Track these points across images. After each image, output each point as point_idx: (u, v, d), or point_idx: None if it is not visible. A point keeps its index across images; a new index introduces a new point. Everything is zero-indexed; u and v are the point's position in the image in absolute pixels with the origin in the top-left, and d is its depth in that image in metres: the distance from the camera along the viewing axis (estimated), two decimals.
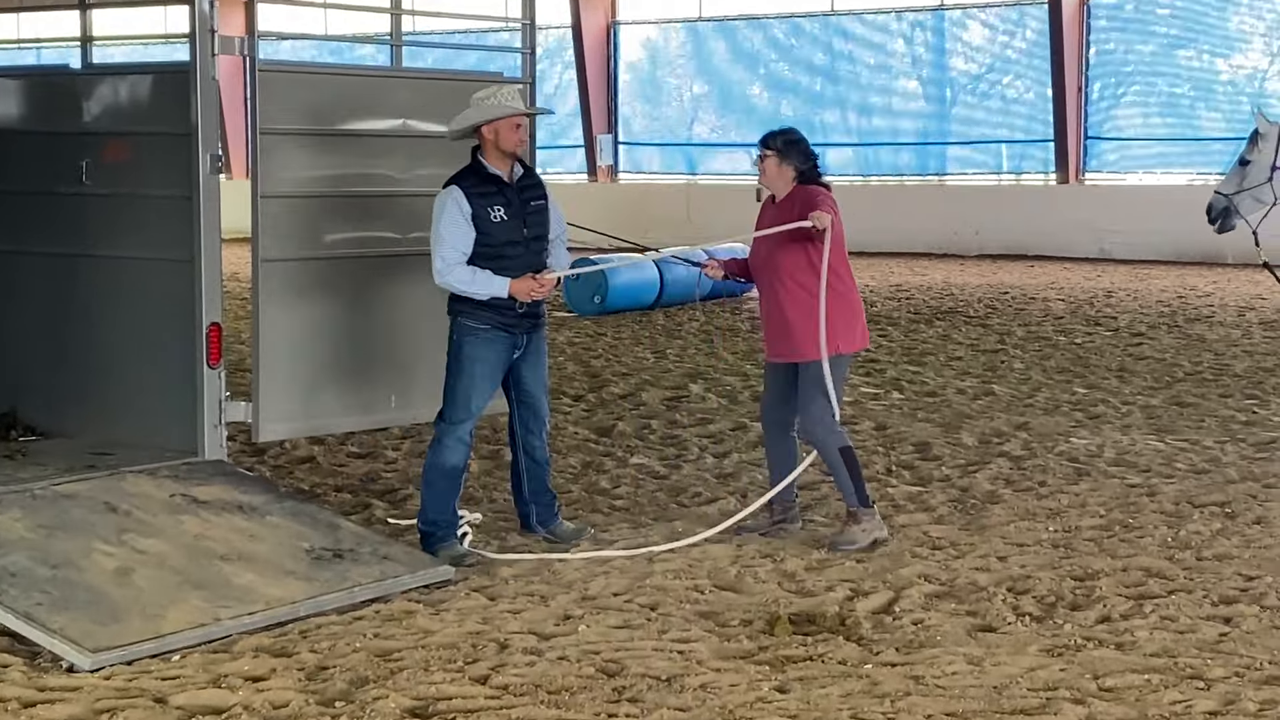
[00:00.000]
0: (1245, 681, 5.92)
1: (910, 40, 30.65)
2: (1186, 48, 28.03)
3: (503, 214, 7.79)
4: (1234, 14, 27.64)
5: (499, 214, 7.77)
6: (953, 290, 21.45)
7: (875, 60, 30.78)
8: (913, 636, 6.54)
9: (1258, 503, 8.89)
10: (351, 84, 8.77)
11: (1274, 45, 27.53)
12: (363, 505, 8.93)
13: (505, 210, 7.80)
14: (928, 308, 19.27)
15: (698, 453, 10.48)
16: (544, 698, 5.74)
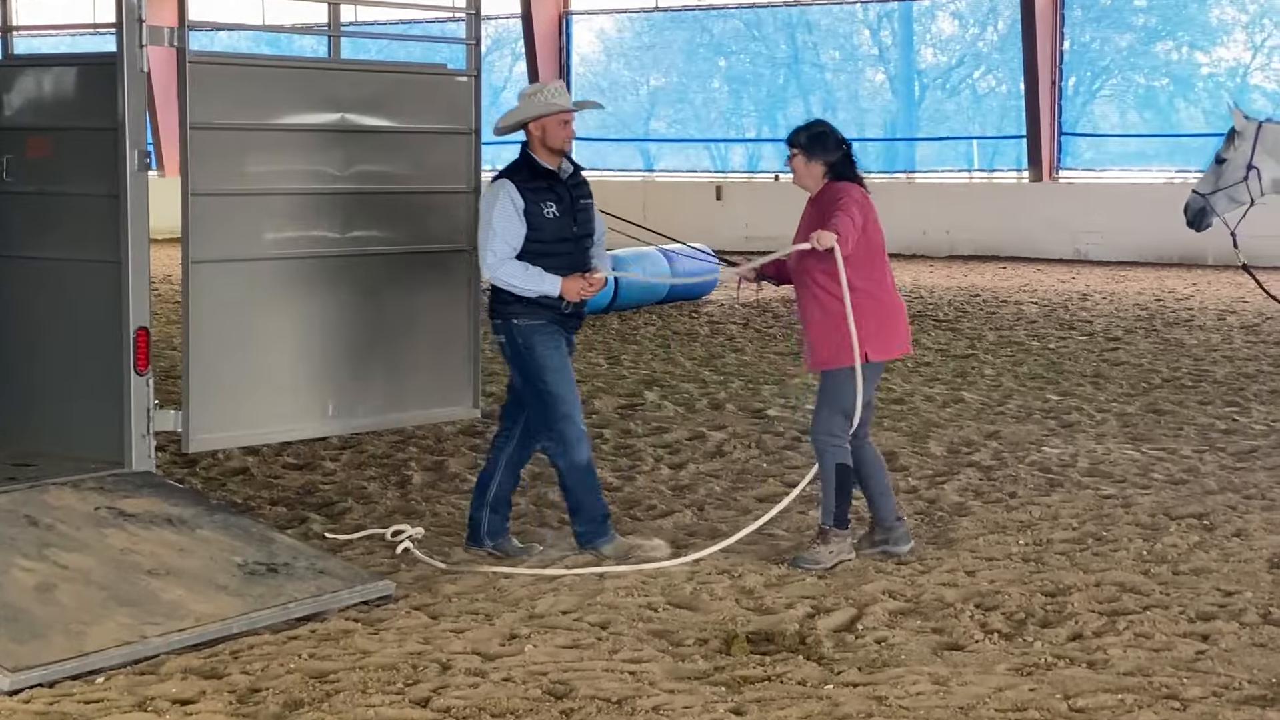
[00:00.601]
0: (1223, 702, 5.95)
1: (876, 32, 30.78)
2: (1165, 40, 28.25)
3: (554, 210, 7.96)
4: (1214, 5, 27.86)
5: (551, 210, 7.95)
6: (921, 293, 21.54)
7: (840, 53, 30.90)
8: (876, 655, 6.56)
9: (1237, 514, 8.96)
10: (287, 76, 8.73)
11: (1256, 37, 27.76)
12: (299, 519, 8.91)
13: (557, 206, 7.97)
14: None
15: (653, 463, 10.49)
16: None
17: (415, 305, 8.79)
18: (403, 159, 8.79)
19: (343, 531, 8.59)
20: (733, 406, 12.60)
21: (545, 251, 7.92)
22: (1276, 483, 9.76)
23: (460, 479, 9.94)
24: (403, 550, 8.14)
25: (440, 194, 8.90)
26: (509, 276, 7.89)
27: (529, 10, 32.25)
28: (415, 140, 8.86)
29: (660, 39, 32.66)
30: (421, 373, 8.91)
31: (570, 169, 8.15)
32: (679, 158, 32.59)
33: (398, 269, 8.69)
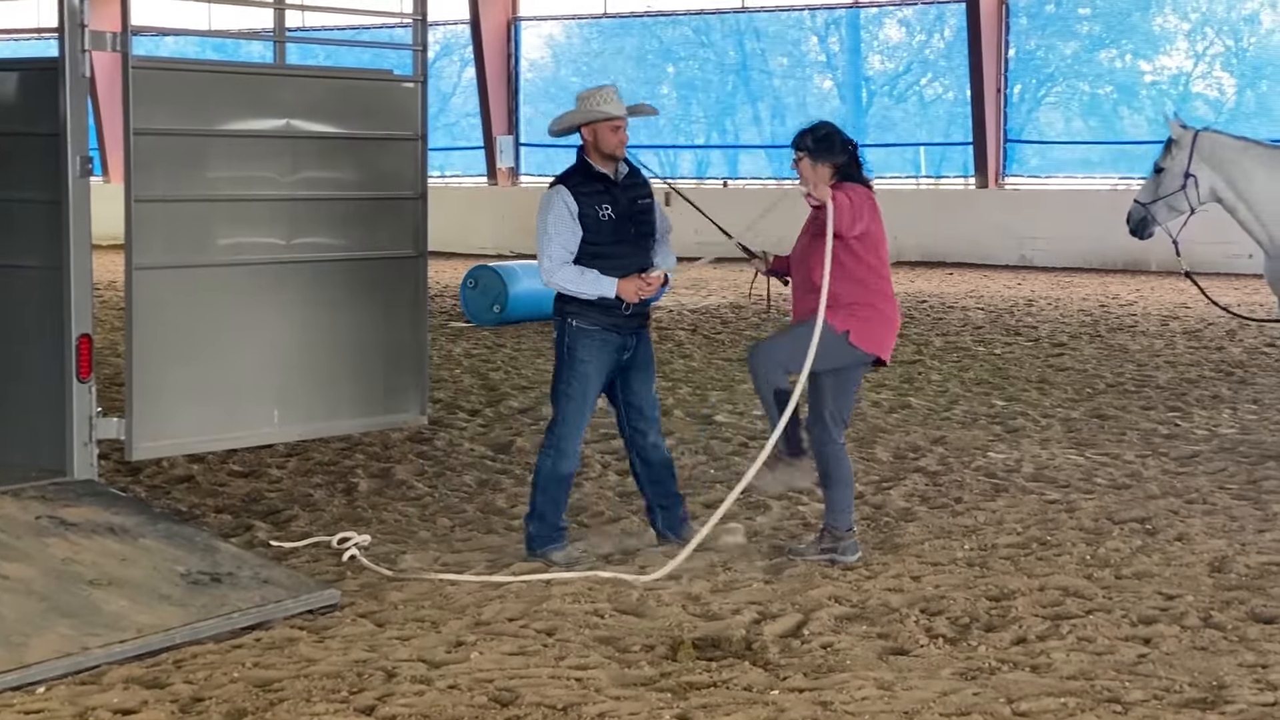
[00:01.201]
0: (1164, 705, 5.98)
1: (824, 39, 30.88)
2: (1109, 48, 28.43)
3: (610, 213, 8.01)
4: (1157, 14, 28.06)
5: (606, 213, 8.01)
6: None
7: (788, 59, 30.98)
8: (821, 660, 6.56)
9: (1179, 519, 9.01)
10: (232, 82, 8.70)
11: (1198, 46, 27.98)
12: (244, 527, 8.86)
13: (613, 209, 8.02)
14: None
15: (600, 469, 10.48)
16: None
17: (362, 312, 8.76)
18: (349, 165, 8.77)
19: (288, 539, 8.55)
20: (680, 413, 12.60)
21: (603, 254, 8.00)
22: (1218, 487, 9.83)
23: (407, 486, 9.91)
24: (349, 558, 8.12)
25: (387, 200, 8.87)
26: (565, 281, 8.00)
27: (477, 16, 32.19)
28: (361, 146, 8.83)
29: (609, 45, 32.68)
30: (368, 379, 8.88)
31: (626, 171, 8.19)
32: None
33: (344, 276, 8.66)
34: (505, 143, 32.57)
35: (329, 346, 8.65)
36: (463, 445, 11.25)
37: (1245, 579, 7.77)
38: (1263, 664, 6.46)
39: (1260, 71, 27.35)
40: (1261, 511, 9.18)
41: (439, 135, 32.98)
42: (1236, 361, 15.34)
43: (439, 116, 33.23)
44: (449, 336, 17.51)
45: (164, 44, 29.83)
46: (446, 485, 9.99)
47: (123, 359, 8.11)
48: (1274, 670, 6.37)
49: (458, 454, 10.95)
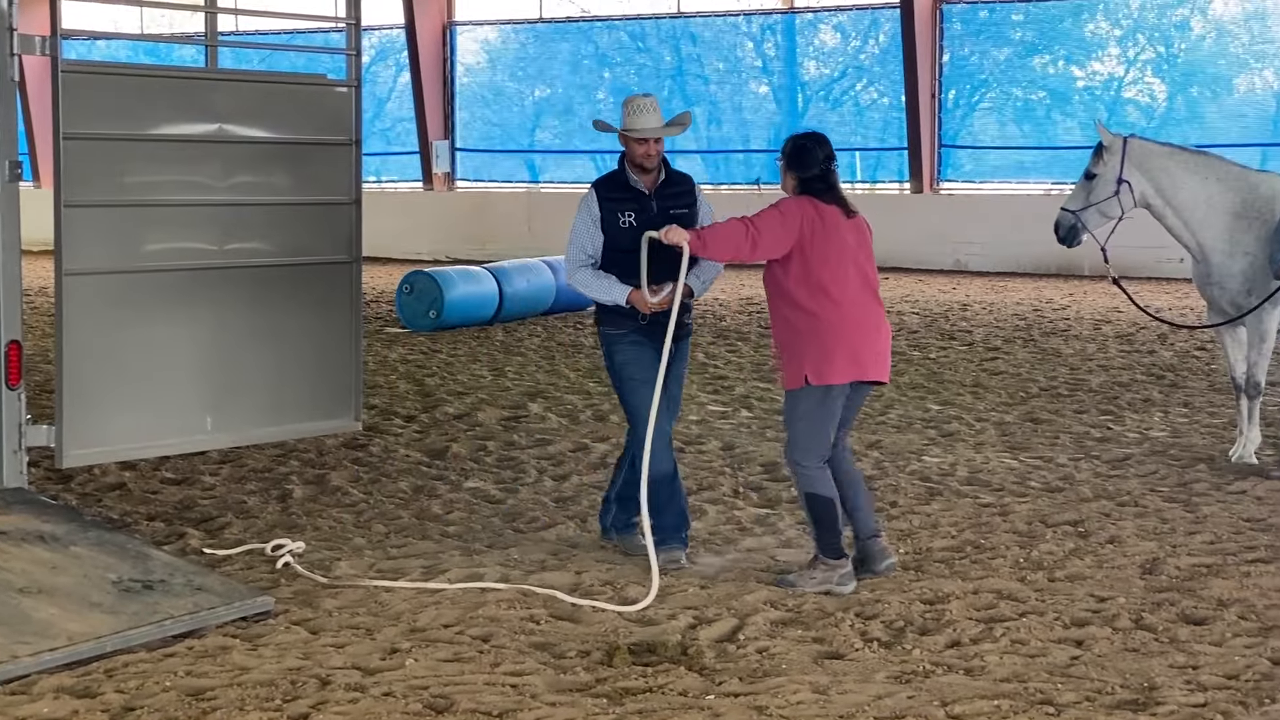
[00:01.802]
0: (1096, 706, 6.03)
1: (760, 44, 30.96)
2: (1042, 54, 28.62)
3: (632, 220, 8.00)
4: (1089, 20, 28.28)
5: (629, 220, 8.00)
6: None
7: (724, 65, 31.04)
8: (757, 665, 6.58)
9: (1111, 521, 9.09)
10: (164, 86, 8.65)
11: (1129, 52, 28.22)
12: (177, 534, 8.80)
13: (636, 217, 7.99)
14: None
15: (536, 475, 10.47)
16: None
17: (295, 318, 8.73)
18: (282, 170, 8.73)
19: (222, 546, 8.50)
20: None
21: (620, 261, 8.01)
22: (1149, 490, 9.92)
23: (342, 492, 9.87)
24: (283, 565, 8.08)
25: (320, 205, 8.84)
26: (578, 282, 8.09)
27: (412, 20, 32.10)
28: (295, 151, 8.79)
29: (545, 50, 32.63)
30: (302, 385, 8.84)
31: (663, 179, 8.15)
32: (564, 169, 32.57)
33: (277, 281, 8.62)
34: (441, 147, 32.49)
35: (263, 352, 8.60)
36: (398, 451, 11.21)
37: (1176, 581, 7.84)
38: (1193, 665, 6.52)
39: (1190, 77, 27.60)
40: (1192, 514, 9.27)
41: (374, 140, 32.88)
42: (1168, 365, 15.48)
43: (374, 121, 33.12)
44: (385, 342, 17.45)
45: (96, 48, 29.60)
46: (381, 492, 9.95)
47: (53, 365, 8.04)
48: (1204, 671, 6.43)
49: (393, 460, 10.91)
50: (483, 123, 33.11)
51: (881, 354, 7.82)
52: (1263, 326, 10.60)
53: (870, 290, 7.80)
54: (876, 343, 7.78)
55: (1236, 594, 7.56)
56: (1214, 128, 26.92)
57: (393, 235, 30.10)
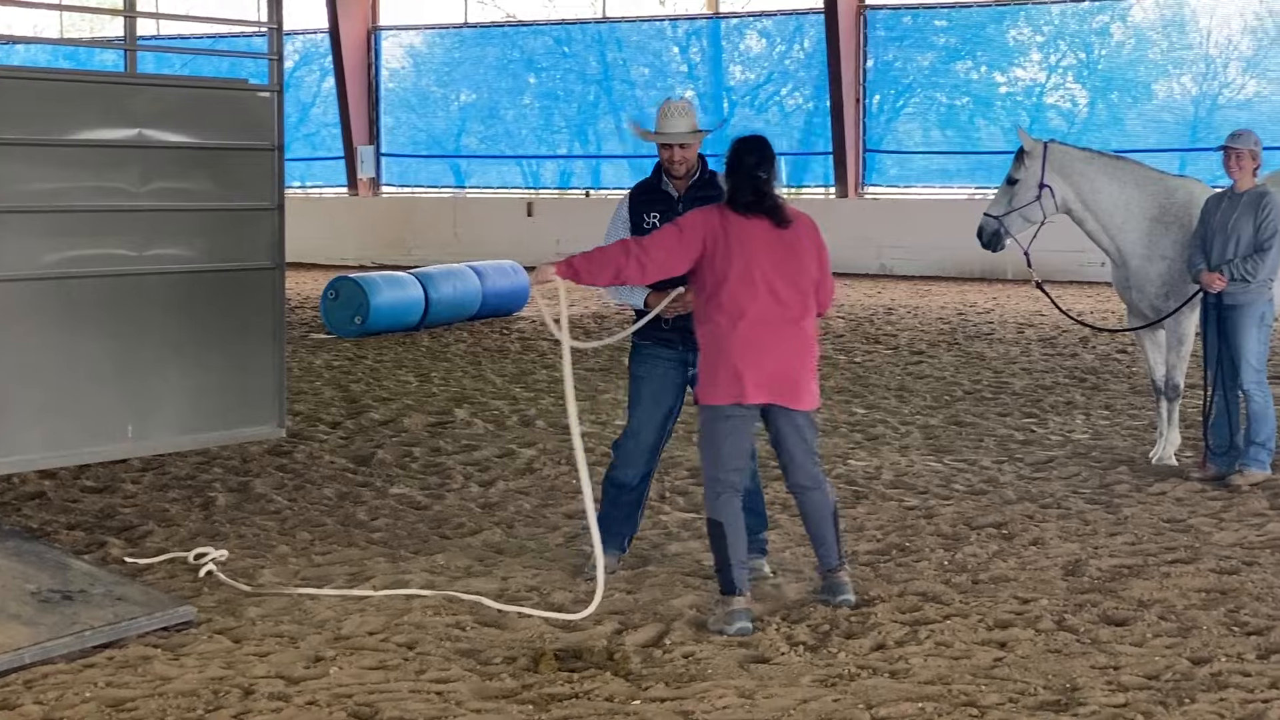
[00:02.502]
0: (1019, 708, 6.07)
1: (685, 49, 31.01)
2: (965, 59, 28.82)
3: (657, 221, 7.82)
4: (1011, 27, 28.50)
5: (653, 222, 7.84)
6: None
7: (650, 69, 31.07)
8: (683, 670, 6.57)
9: (1034, 523, 9.15)
10: (83, 90, 8.53)
11: (1051, 58, 28.45)
12: (98, 543, 8.70)
13: (661, 219, 7.80)
14: None
15: (462, 481, 10.43)
16: None
17: (217, 324, 8.64)
18: (203, 175, 8.64)
19: (143, 555, 8.42)
20: (543, 423, 12.58)
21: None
22: (1072, 492, 9.99)
23: (266, 499, 9.79)
24: (206, 573, 8.01)
25: (242, 211, 8.76)
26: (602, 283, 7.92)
27: (336, 25, 31.96)
28: (216, 156, 8.71)
29: (470, 55, 32.55)
30: (225, 392, 8.75)
31: (695, 182, 7.89)
32: (490, 174, 32.52)
33: (199, 287, 8.54)
34: (366, 153, 32.36)
35: (185, 359, 8.51)
36: (323, 458, 11.14)
37: (1098, 582, 7.90)
38: (1114, 665, 6.57)
39: (1111, 83, 27.87)
40: (1114, 515, 9.35)
41: (299, 146, 32.71)
42: (1089, 368, 15.61)
43: (299, 127, 32.95)
44: (309, 348, 17.34)
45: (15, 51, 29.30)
46: (306, 498, 9.89)
47: None
48: (1125, 672, 6.48)
49: (318, 467, 10.84)
50: (408, 128, 33.00)
51: (777, 377, 7.22)
52: (1181, 330, 10.70)
53: (780, 310, 7.22)
54: (770, 364, 7.20)
55: (1157, 594, 7.63)
56: (1134, 133, 27.22)
57: (318, 241, 29.97)
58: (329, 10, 31.94)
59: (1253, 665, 6.58)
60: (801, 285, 7.31)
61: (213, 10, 29.39)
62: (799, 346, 7.31)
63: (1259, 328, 10.18)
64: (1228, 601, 7.52)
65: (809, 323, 7.36)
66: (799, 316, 7.29)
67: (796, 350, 7.30)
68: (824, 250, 7.45)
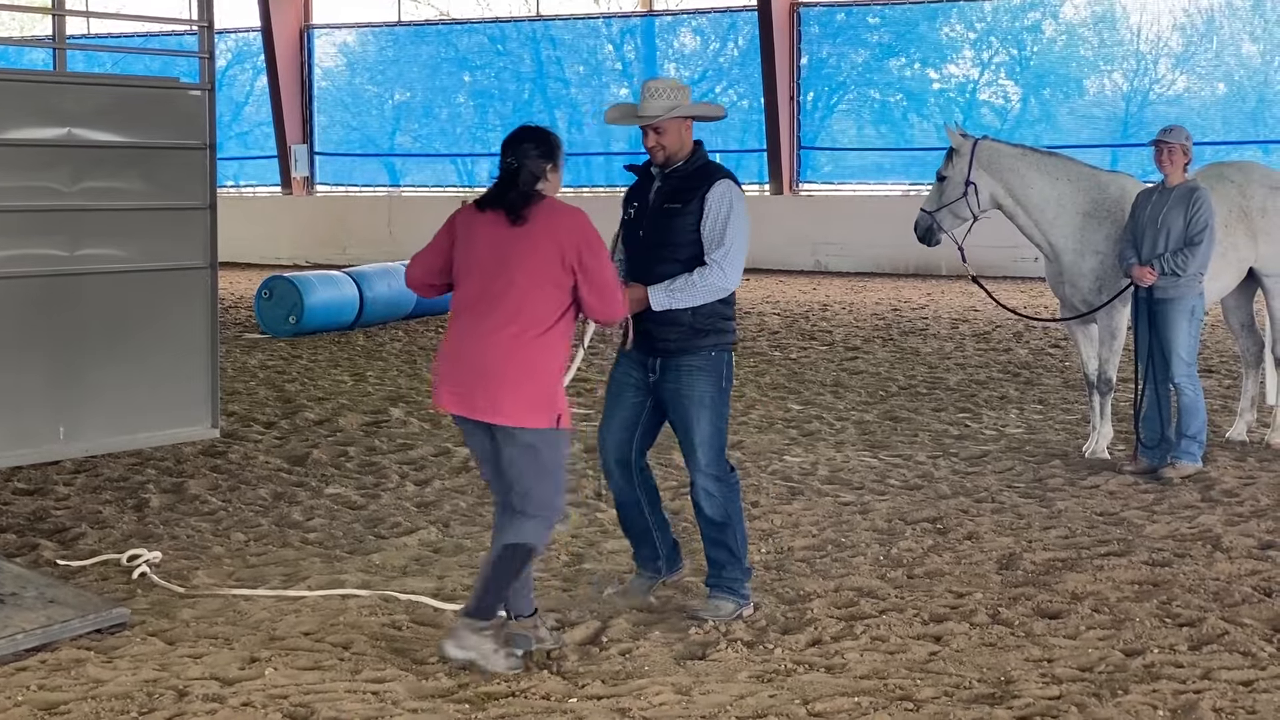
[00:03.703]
0: (954, 701, 6.10)
1: (620, 47, 31.02)
2: (899, 56, 28.96)
3: (632, 212, 7.35)
4: (944, 23, 28.65)
5: (630, 212, 7.36)
6: None
7: (585, 67, 31.07)
8: (620, 667, 6.57)
9: (969, 518, 9.20)
10: (10, 89, 8.44)
11: (984, 55, 28.62)
12: (30, 546, 8.62)
13: (636, 210, 7.33)
14: None
15: (398, 480, 10.39)
16: None
17: (149, 324, 8.57)
18: (134, 175, 8.56)
19: (76, 558, 8.34)
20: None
21: (623, 255, 7.38)
22: (1006, 486, 10.06)
23: (200, 500, 9.73)
24: (139, 575, 7.95)
25: (173, 210, 8.69)
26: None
27: (269, 24, 31.78)
28: (147, 155, 8.63)
29: (404, 53, 32.45)
30: (158, 392, 8.68)
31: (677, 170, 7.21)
32: (425, 173, 32.42)
33: (130, 287, 8.46)
34: (299, 151, 32.19)
35: (116, 360, 8.44)
36: (258, 458, 11.08)
37: (1032, 575, 7.96)
38: (1048, 658, 6.62)
39: (1043, 79, 28.07)
40: (1047, 509, 9.42)
41: (232, 144, 32.52)
42: (1023, 363, 15.72)
43: (231, 125, 32.75)
44: (244, 348, 17.24)
45: None
46: (241, 499, 9.83)
47: None
48: (1059, 664, 6.53)
49: (252, 467, 10.78)
50: (342, 127, 32.86)
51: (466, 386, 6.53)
52: (1113, 324, 10.79)
53: (487, 313, 6.53)
54: (464, 372, 6.54)
55: (1090, 587, 7.69)
56: (1066, 129, 27.42)
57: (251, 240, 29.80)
58: (261, 8, 31.76)
59: (1185, 656, 6.64)
60: (520, 288, 6.47)
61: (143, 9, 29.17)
62: (500, 355, 6.46)
63: (1190, 321, 10.28)
64: (1160, 593, 7.59)
65: (524, 330, 6.46)
66: (506, 323, 6.46)
67: (496, 359, 6.46)
68: (581, 251, 6.51)
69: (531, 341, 6.48)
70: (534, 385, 6.49)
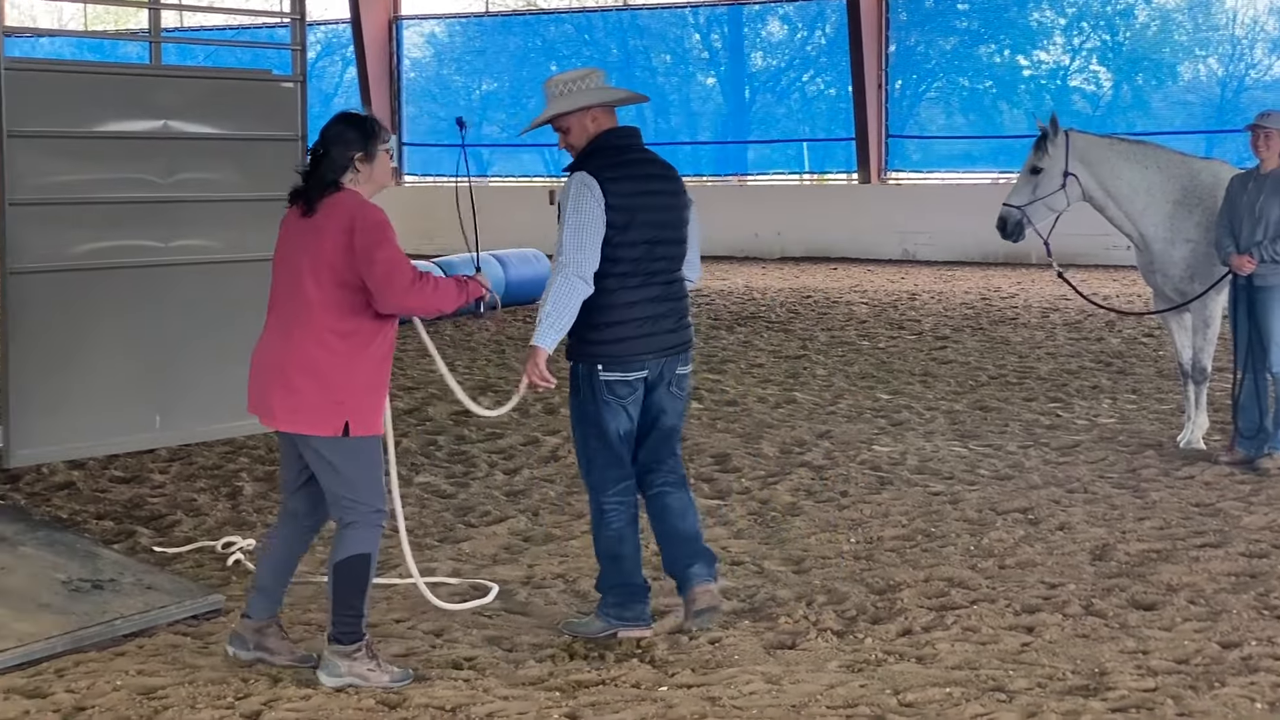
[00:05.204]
0: (1047, 693, 6.06)
1: (706, 35, 30.98)
2: (988, 43, 28.74)
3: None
4: (1034, 9, 28.41)
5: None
6: (754, 294, 21.70)
7: (671, 56, 31.05)
8: (709, 656, 6.58)
9: (1060, 508, 9.14)
10: (109, 83, 8.60)
11: (1075, 40, 28.36)
12: (127, 533, 8.74)
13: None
14: (728, 313, 19.47)
15: (487, 469, 10.45)
16: None
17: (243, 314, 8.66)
18: (228, 166, 8.69)
19: (171, 545, 8.45)
20: (566, 411, 12.56)
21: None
22: (1098, 476, 9.98)
23: None
24: (233, 562, 8.04)
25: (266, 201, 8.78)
26: None
27: (358, 15, 32.00)
28: (241, 147, 8.75)
29: (491, 43, 32.57)
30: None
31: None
32: (512, 162, 32.54)
33: (224, 277, 8.58)
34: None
35: (210, 349, 8.56)
36: None
37: (1125, 566, 7.90)
38: (1143, 650, 6.56)
39: (1135, 65, 27.78)
40: (1141, 499, 9.34)
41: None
42: (1115, 352, 15.58)
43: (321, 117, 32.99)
44: None
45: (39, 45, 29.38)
46: None
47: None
48: (1154, 656, 6.47)
49: None
50: (429, 117, 33.02)
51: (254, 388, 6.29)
52: (1207, 312, 10.67)
53: (280, 310, 6.23)
54: (254, 372, 6.29)
55: (1185, 579, 7.62)
56: (1160, 115, 27.12)
57: None
58: (351, 1, 31.97)
59: None
60: (305, 285, 6.11)
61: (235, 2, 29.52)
62: (280, 356, 6.16)
63: None
64: (1257, 585, 7.51)
65: (309, 331, 6.11)
66: (290, 322, 6.15)
67: (276, 360, 6.17)
68: (364, 235, 6.09)
69: (319, 344, 6.09)
70: (315, 390, 6.09)
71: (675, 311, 6.84)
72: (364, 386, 6.21)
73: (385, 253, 6.10)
